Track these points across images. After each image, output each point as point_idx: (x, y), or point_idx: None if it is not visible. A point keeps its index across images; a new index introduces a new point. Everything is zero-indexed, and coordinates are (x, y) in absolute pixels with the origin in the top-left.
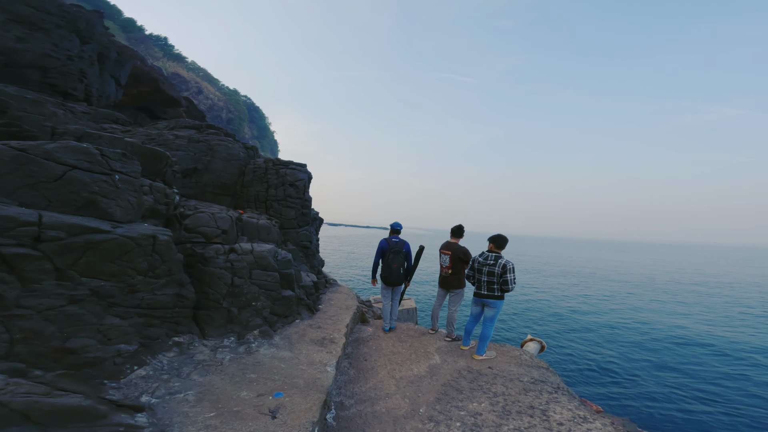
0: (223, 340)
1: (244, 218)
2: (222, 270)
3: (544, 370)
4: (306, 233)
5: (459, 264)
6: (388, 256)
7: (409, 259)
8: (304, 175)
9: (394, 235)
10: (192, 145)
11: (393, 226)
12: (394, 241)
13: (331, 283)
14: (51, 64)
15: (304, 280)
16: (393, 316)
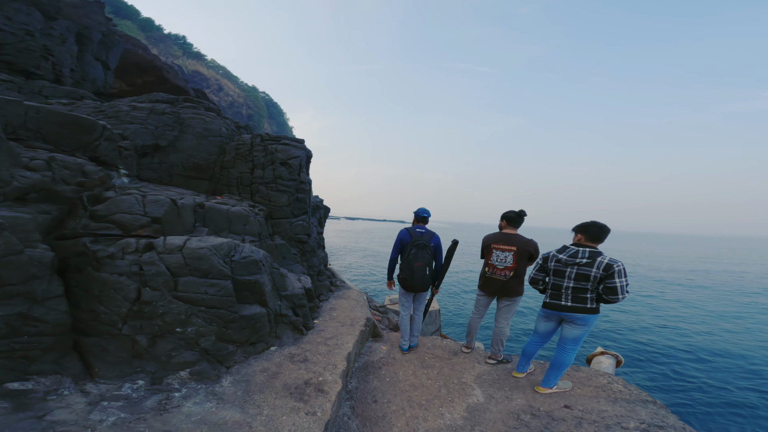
0: (123, 385)
1: (209, 204)
2: (121, 277)
3: (652, 407)
4: (302, 224)
5: (524, 263)
6: (409, 250)
7: (438, 257)
8: (301, 152)
9: (419, 224)
10: (153, 117)
11: (418, 214)
12: (419, 233)
13: (338, 286)
14: (5, 39)
15: (290, 287)
16: (414, 332)
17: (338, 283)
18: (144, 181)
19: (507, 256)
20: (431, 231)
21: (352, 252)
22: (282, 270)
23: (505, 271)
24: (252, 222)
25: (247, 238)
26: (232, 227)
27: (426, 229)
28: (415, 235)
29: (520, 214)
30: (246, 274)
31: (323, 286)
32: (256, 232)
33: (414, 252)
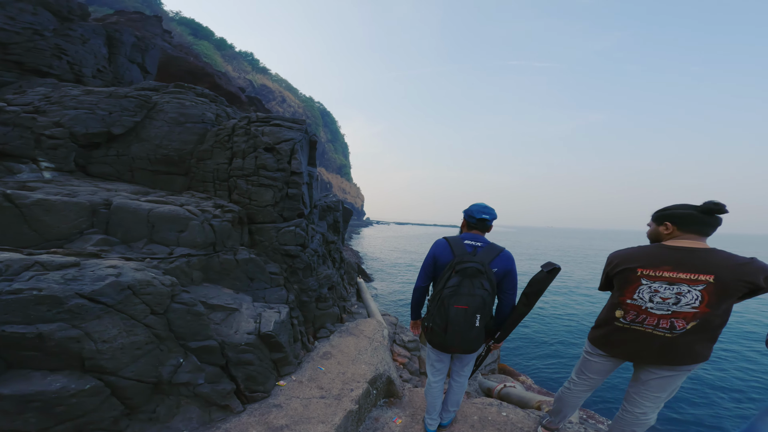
0: None
1: (119, 203)
2: None
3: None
4: (293, 231)
5: (728, 304)
6: (446, 278)
7: (508, 296)
8: (296, 134)
9: (472, 233)
10: (107, 101)
11: (471, 214)
12: (470, 247)
13: (352, 313)
14: (9, 39)
15: (220, 333)
16: (450, 405)
17: (353, 308)
18: (95, 177)
19: (687, 293)
20: (496, 246)
21: (396, 258)
22: (214, 300)
23: (678, 320)
24: (194, 228)
25: (181, 250)
26: (156, 235)
27: (485, 242)
28: (461, 250)
29: (710, 210)
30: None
31: (327, 315)
32: (200, 242)
33: (455, 283)
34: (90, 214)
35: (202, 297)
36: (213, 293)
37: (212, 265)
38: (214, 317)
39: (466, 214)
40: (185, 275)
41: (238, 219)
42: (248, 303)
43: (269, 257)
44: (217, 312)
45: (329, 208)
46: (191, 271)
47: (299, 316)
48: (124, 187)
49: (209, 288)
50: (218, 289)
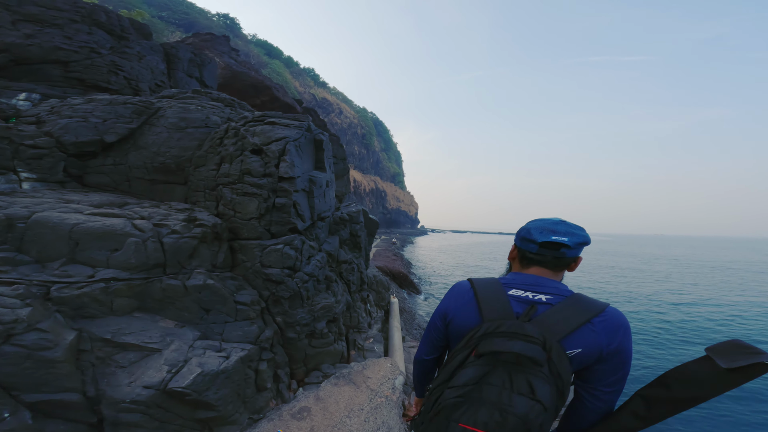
0: None
1: (37, 218)
2: None
3: None
4: (281, 251)
5: None
6: (455, 365)
7: (603, 399)
8: (291, 132)
9: (529, 273)
10: (102, 108)
11: (528, 235)
12: (521, 302)
13: (363, 349)
14: (68, 57)
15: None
16: None
17: (368, 342)
18: (90, 188)
19: None
20: (586, 300)
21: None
22: (129, 338)
23: None
24: (129, 246)
25: (105, 273)
26: (80, 254)
27: (558, 291)
28: (497, 308)
29: None
30: None
31: (324, 354)
32: (135, 264)
33: (472, 378)
34: (4, 228)
35: (109, 332)
36: (136, 327)
37: (151, 291)
38: (121, 359)
39: (519, 237)
40: (100, 304)
41: (212, 235)
42: (184, 342)
43: (249, 282)
44: (129, 352)
45: (342, 221)
46: (111, 300)
47: (277, 357)
48: (102, 199)
49: (133, 320)
50: (152, 321)
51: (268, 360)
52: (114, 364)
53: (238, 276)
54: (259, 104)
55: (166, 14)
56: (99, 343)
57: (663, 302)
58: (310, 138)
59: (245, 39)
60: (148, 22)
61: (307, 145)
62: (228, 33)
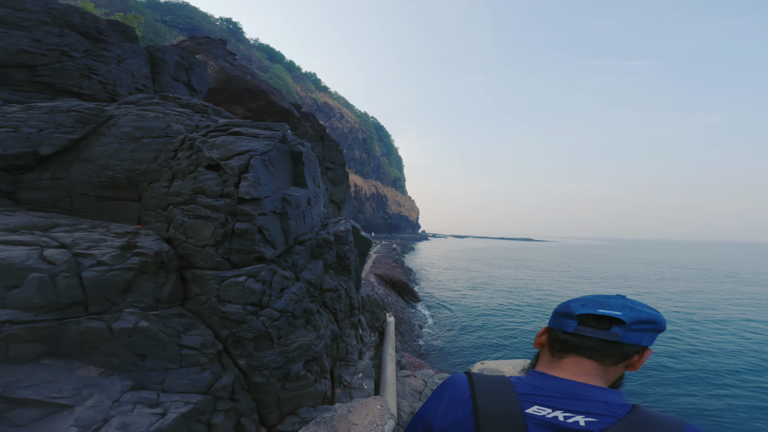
0: None
1: None
2: None
3: None
4: (242, 285)
5: None
6: None
7: None
8: (258, 144)
9: (563, 374)
10: (39, 117)
11: (566, 310)
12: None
13: (350, 387)
14: (35, 61)
15: None
16: None
17: (357, 377)
18: (25, 205)
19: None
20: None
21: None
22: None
23: None
24: (32, 283)
25: (7, 314)
26: None
27: (606, 407)
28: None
29: None
30: None
31: (303, 397)
32: (39, 303)
33: None
34: None
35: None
36: (41, 377)
37: (66, 335)
38: (17, 416)
39: (553, 314)
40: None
41: (155, 265)
42: (107, 395)
43: (203, 319)
44: (28, 409)
45: (327, 243)
46: (6, 346)
47: (239, 405)
48: (24, 220)
49: (38, 369)
50: (66, 369)
51: (226, 410)
52: (7, 422)
53: (188, 312)
54: (255, 109)
55: (170, 18)
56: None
57: None
58: (285, 150)
59: (247, 43)
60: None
61: (281, 159)
62: (231, 37)
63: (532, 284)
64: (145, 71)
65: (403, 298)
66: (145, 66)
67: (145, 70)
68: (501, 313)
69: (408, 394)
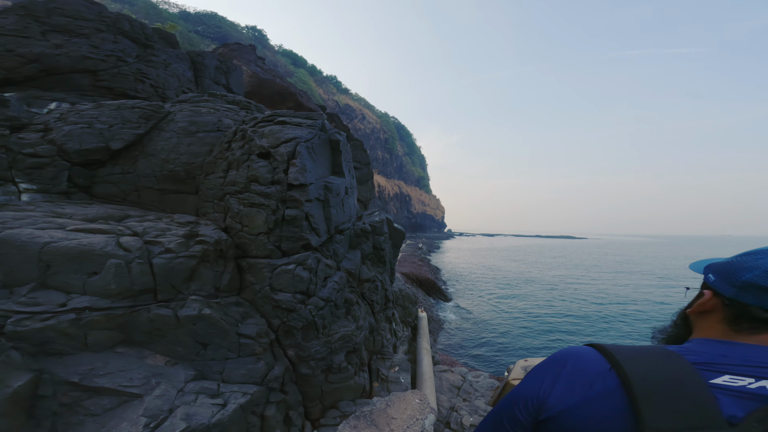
0: None
1: (6, 235)
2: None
3: None
4: (292, 273)
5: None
6: None
7: None
8: (302, 132)
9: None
10: (108, 113)
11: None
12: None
13: (387, 381)
14: (96, 66)
15: None
16: None
17: (393, 371)
18: (99, 199)
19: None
20: None
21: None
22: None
23: None
24: (110, 269)
25: (79, 301)
26: (53, 278)
27: None
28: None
29: None
30: None
31: (343, 390)
32: (116, 289)
33: None
34: None
35: (78, 373)
36: (115, 366)
37: (138, 322)
38: (92, 405)
39: (726, 278)
40: (69, 338)
41: (215, 253)
42: (173, 384)
43: (257, 308)
44: (103, 397)
45: (364, 233)
46: (84, 333)
47: (288, 398)
48: (100, 212)
49: (113, 358)
50: (137, 358)
51: (277, 402)
52: (83, 411)
53: (244, 301)
54: None
55: (201, 29)
56: (65, 387)
57: None
58: (324, 138)
59: (273, 50)
60: (184, 37)
61: (321, 147)
62: (257, 44)
63: (568, 281)
64: (189, 75)
65: (431, 297)
66: (188, 70)
67: (189, 74)
68: (536, 313)
69: (446, 389)
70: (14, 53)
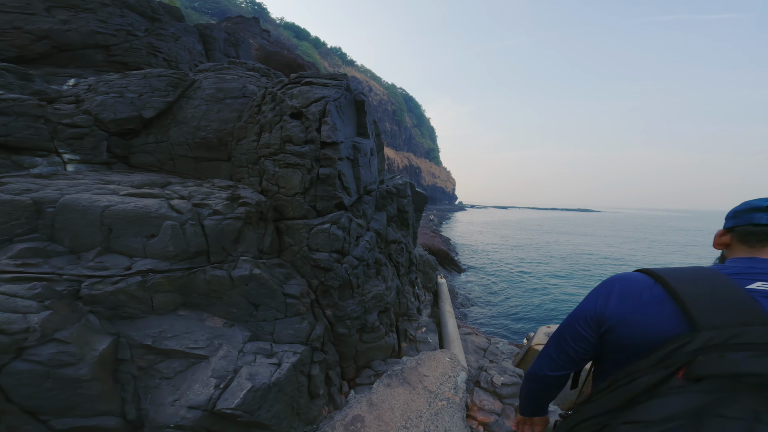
0: None
1: (66, 201)
2: None
3: None
4: (328, 232)
5: None
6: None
7: None
8: (330, 91)
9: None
10: (137, 82)
11: (753, 205)
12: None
13: (415, 341)
14: (107, 41)
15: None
16: None
17: (420, 331)
18: (136, 168)
19: None
20: None
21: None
22: (172, 342)
23: None
24: (166, 231)
25: (143, 264)
26: (115, 241)
27: None
28: (727, 314)
29: None
30: None
31: (375, 350)
32: (174, 252)
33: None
34: (33, 214)
35: (150, 336)
36: (180, 328)
37: (195, 284)
38: (165, 368)
39: (733, 214)
40: (138, 301)
41: (257, 215)
42: (233, 345)
43: (297, 269)
44: (173, 360)
45: (390, 194)
46: (150, 296)
47: (328, 357)
48: (144, 179)
49: (177, 320)
50: (198, 320)
51: (320, 362)
52: (158, 375)
53: (285, 263)
54: None
55: (198, 4)
56: (140, 351)
57: None
58: (350, 99)
59: (274, 23)
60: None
61: (347, 107)
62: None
63: (582, 250)
64: (199, 48)
65: (444, 268)
66: (198, 43)
67: (199, 47)
68: (552, 281)
69: (471, 350)
70: (22, 30)
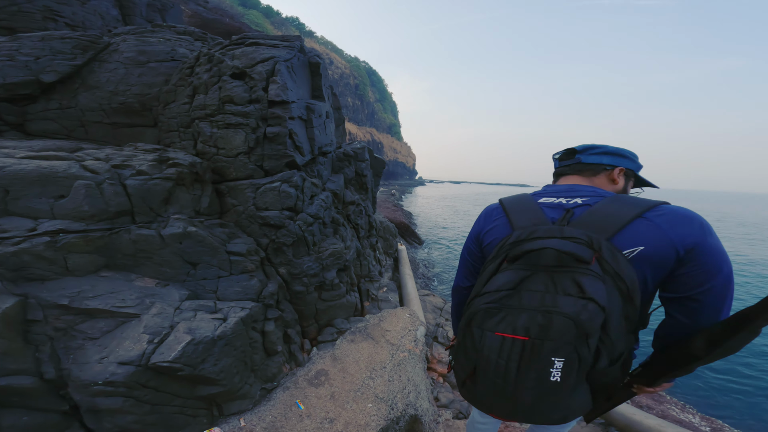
0: None
1: None
2: None
3: None
4: (278, 190)
5: None
6: (487, 274)
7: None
8: (280, 52)
9: (562, 183)
10: (33, 44)
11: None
12: (555, 208)
13: (377, 299)
14: None
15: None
16: None
17: (382, 291)
18: (35, 136)
19: None
20: (632, 200)
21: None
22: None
23: None
24: (79, 191)
25: (51, 225)
26: (14, 203)
27: (596, 194)
28: (529, 217)
29: None
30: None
31: (337, 308)
32: (89, 212)
33: (506, 283)
34: None
35: (66, 296)
36: (104, 288)
37: (119, 245)
38: (89, 328)
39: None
40: (48, 262)
41: (190, 176)
42: (168, 304)
43: (243, 229)
44: (98, 320)
45: (347, 157)
46: (63, 257)
47: (285, 315)
48: (48, 144)
49: (100, 281)
50: (125, 281)
51: (275, 319)
52: (81, 335)
53: (228, 223)
54: None
55: None
56: (55, 311)
57: None
58: (304, 60)
59: None
60: None
61: (301, 69)
62: None
63: None
64: (115, 13)
65: (406, 240)
66: (113, 8)
67: (115, 12)
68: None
69: (430, 309)
70: None
